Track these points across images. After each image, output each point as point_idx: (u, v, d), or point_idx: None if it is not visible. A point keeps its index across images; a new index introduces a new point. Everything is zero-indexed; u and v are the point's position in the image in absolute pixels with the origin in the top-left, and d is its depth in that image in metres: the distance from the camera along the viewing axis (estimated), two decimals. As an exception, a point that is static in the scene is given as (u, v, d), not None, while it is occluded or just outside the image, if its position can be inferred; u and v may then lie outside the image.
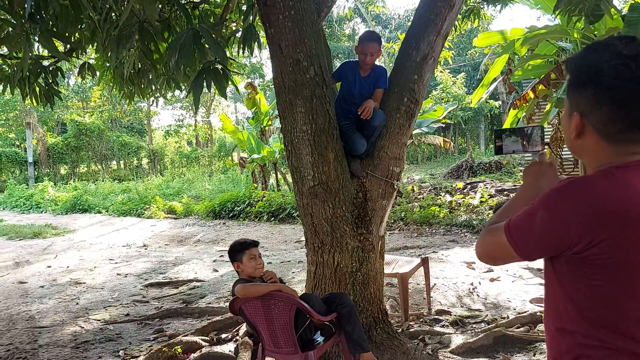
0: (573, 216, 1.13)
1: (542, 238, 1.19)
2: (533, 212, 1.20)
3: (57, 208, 18.06)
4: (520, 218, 1.23)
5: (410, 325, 4.49)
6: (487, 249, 1.36)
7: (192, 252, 9.55)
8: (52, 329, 5.24)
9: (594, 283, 1.16)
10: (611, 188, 1.14)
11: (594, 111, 1.19)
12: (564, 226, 1.14)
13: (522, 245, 1.23)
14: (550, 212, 1.17)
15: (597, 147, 1.22)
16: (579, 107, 1.23)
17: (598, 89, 1.17)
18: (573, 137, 1.26)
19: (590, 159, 1.27)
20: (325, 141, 3.47)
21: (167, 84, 5.29)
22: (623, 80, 1.13)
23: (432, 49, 3.63)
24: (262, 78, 31.94)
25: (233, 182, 20.08)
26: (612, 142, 1.20)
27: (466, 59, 28.35)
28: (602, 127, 1.19)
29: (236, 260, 3.16)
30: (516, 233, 1.23)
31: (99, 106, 31.83)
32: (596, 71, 1.16)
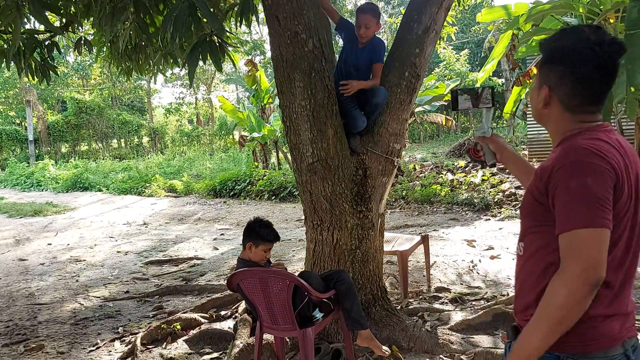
0: (611, 165, 1.28)
1: (607, 193, 1.26)
2: (580, 189, 1.26)
3: (57, 186, 18.06)
4: (575, 204, 1.26)
5: (409, 303, 4.47)
6: (591, 262, 1.25)
7: (193, 231, 9.55)
8: (52, 305, 5.25)
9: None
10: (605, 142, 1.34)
11: (561, 86, 1.40)
12: (614, 171, 1.28)
13: (604, 216, 1.25)
14: (592, 173, 1.26)
15: (560, 116, 1.44)
16: (549, 81, 1.43)
17: (566, 67, 1.38)
18: (541, 107, 1.46)
19: (553, 126, 1.47)
20: (325, 117, 3.40)
21: (165, 59, 5.20)
22: (586, 62, 1.34)
23: (434, 21, 3.53)
24: (263, 55, 31.63)
25: (234, 160, 20.02)
26: (572, 113, 1.41)
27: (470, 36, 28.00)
28: (566, 100, 1.41)
29: (253, 242, 3.08)
30: (591, 213, 1.24)
31: (99, 84, 31.64)
32: (566, 52, 1.37)
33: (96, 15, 4.19)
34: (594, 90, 1.38)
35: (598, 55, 1.32)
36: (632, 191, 1.34)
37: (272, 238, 3.14)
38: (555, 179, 1.31)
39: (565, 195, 1.27)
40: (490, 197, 9.49)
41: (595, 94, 1.39)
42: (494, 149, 1.91)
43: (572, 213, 1.26)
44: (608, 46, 1.33)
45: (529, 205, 1.43)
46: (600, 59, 1.32)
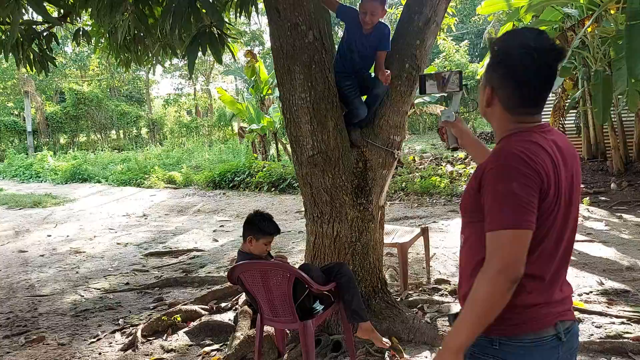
0: (536, 170, 1.37)
1: (531, 197, 1.35)
2: (506, 192, 1.36)
3: (56, 177, 18.02)
4: (501, 206, 1.36)
5: (409, 295, 4.48)
6: (511, 260, 1.35)
7: (192, 222, 9.55)
8: (52, 297, 5.26)
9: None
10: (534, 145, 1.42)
11: (502, 88, 1.48)
12: (538, 176, 1.36)
13: (526, 218, 1.35)
14: (518, 178, 1.35)
15: (500, 116, 1.52)
16: (492, 82, 1.51)
17: (507, 71, 1.45)
18: (484, 106, 1.56)
19: (495, 124, 1.56)
20: (325, 109, 3.39)
21: (164, 50, 5.17)
22: (525, 68, 1.42)
23: (435, 12, 3.51)
24: (262, 46, 31.49)
25: (233, 152, 19.97)
26: (511, 113, 1.49)
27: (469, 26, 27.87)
28: (506, 101, 1.49)
29: (254, 235, 3.09)
30: (514, 215, 1.34)
31: (97, 75, 31.49)
32: (507, 55, 1.45)
33: (94, 6, 4.16)
34: (532, 94, 1.46)
35: (536, 62, 1.40)
36: (561, 191, 1.42)
37: (273, 231, 3.14)
38: (486, 180, 1.40)
39: (493, 197, 1.38)
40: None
41: (534, 97, 1.47)
42: (455, 134, 2.02)
43: (498, 214, 1.36)
44: (546, 53, 1.40)
45: (466, 201, 1.52)
46: (539, 65, 1.41)
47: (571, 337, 1.51)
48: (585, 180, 9.81)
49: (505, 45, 1.47)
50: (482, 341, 1.45)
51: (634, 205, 8.08)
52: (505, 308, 1.38)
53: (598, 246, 6.00)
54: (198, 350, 3.81)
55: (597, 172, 10.16)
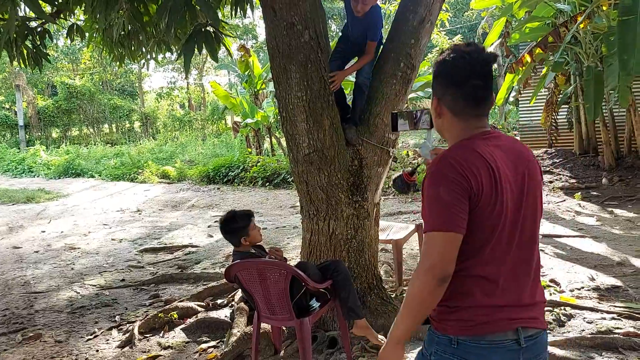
0: (465, 175, 1.43)
1: (457, 201, 1.43)
2: (434, 197, 1.45)
3: (49, 172, 17.94)
4: (431, 210, 1.46)
5: (404, 291, 4.53)
6: (437, 259, 1.43)
7: (187, 217, 9.56)
8: (48, 294, 5.27)
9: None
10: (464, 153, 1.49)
11: (445, 94, 1.57)
12: (466, 181, 1.43)
13: (452, 221, 1.42)
14: (444, 183, 1.44)
15: (451, 124, 1.59)
16: (437, 93, 1.60)
17: (445, 76, 1.57)
18: (435, 118, 1.64)
19: (449, 135, 1.62)
20: (321, 108, 3.41)
21: (158, 46, 5.16)
22: (459, 68, 1.52)
23: (430, 12, 3.53)
24: (255, 39, 31.36)
25: (227, 146, 19.93)
26: (460, 118, 1.56)
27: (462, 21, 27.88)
28: (452, 106, 1.56)
29: (242, 235, 3.14)
30: (441, 219, 1.43)
31: (89, 68, 31.25)
32: (443, 64, 1.56)
33: (89, 3, 4.15)
34: (473, 93, 1.53)
35: (469, 61, 1.50)
36: (504, 194, 1.47)
37: (249, 218, 3.21)
38: (423, 185, 1.50)
39: (425, 201, 1.48)
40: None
41: (475, 96, 1.53)
42: None
43: (427, 217, 1.46)
44: (477, 53, 1.51)
45: (422, 208, 1.57)
46: (472, 64, 1.50)
47: (535, 346, 1.53)
48: (577, 175, 9.90)
49: (441, 58, 1.57)
50: (442, 339, 1.52)
51: (625, 200, 8.17)
52: (463, 308, 1.48)
53: (589, 241, 6.07)
54: (195, 347, 3.84)
55: (588, 167, 10.25)
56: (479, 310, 1.48)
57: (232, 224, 3.20)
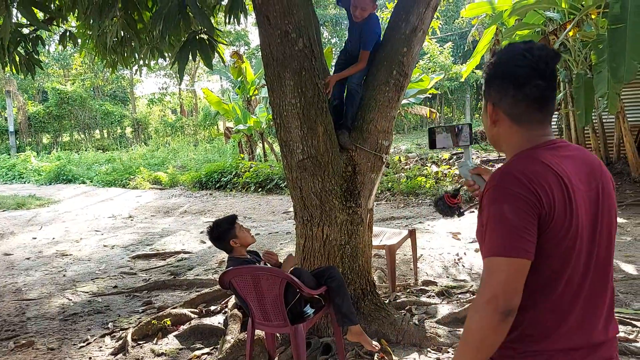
0: (534, 192, 1.24)
1: (525, 221, 1.23)
2: (497, 216, 1.25)
3: (40, 178, 17.84)
4: (493, 231, 1.26)
5: (397, 296, 4.55)
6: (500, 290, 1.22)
7: (179, 224, 9.53)
8: (40, 301, 5.24)
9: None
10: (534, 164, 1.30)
11: (503, 98, 1.38)
12: (536, 198, 1.24)
13: (519, 245, 1.22)
14: (509, 200, 1.25)
15: (509, 131, 1.41)
16: (491, 98, 1.42)
17: (503, 78, 1.38)
18: (490, 126, 1.45)
19: (507, 146, 1.44)
20: (315, 114, 3.44)
21: (151, 52, 5.18)
22: (520, 67, 1.34)
23: (422, 21, 3.58)
24: (247, 46, 31.41)
25: (219, 151, 19.94)
26: (521, 125, 1.39)
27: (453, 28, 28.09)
28: (510, 110, 1.38)
29: (231, 237, 3.15)
30: (506, 242, 1.23)
31: (81, 74, 31.14)
32: (500, 64, 1.39)
33: (82, 9, 4.16)
34: (535, 94, 1.35)
35: (529, 59, 1.33)
36: (578, 214, 1.28)
37: (233, 221, 3.22)
38: (483, 201, 1.32)
39: (486, 220, 1.28)
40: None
41: (537, 97, 1.35)
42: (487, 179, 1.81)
43: (489, 240, 1.26)
44: (538, 50, 1.34)
45: (478, 227, 1.37)
46: (532, 62, 1.33)
47: None
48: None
49: (495, 58, 1.41)
50: None
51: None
52: (533, 354, 1.29)
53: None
54: (189, 354, 3.83)
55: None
56: (552, 356, 1.29)
57: (217, 230, 3.21)
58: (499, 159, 11.87)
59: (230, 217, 3.26)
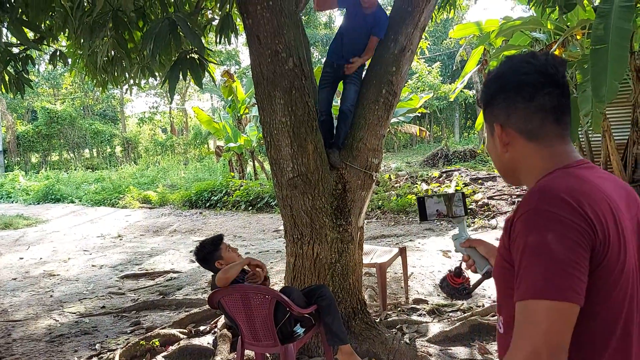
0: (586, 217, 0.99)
1: (576, 254, 0.97)
2: (539, 248, 0.99)
3: (28, 198, 17.67)
4: (533, 266, 0.99)
5: (388, 315, 4.54)
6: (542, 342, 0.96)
7: (168, 243, 9.46)
8: (26, 322, 5.15)
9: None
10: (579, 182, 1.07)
11: (511, 114, 1.18)
12: (589, 225, 0.99)
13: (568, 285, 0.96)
14: (556, 227, 0.99)
15: (527, 152, 1.18)
16: (497, 118, 1.21)
17: (507, 91, 1.18)
18: (501, 152, 1.22)
19: (527, 171, 1.20)
20: (305, 133, 3.46)
21: (142, 72, 5.19)
22: (527, 74, 1.15)
23: (410, 41, 3.63)
24: (238, 65, 31.61)
25: (209, 170, 19.90)
26: (540, 142, 1.16)
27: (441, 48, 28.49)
28: (523, 126, 1.17)
29: (216, 259, 3.14)
30: (550, 281, 0.96)
31: (71, 93, 31.13)
32: (502, 77, 1.20)
33: (73, 29, 4.18)
34: (549, 104, 1.14)
35: (535, 65, 1.15)
36: (628, 246, 1.05)
37: (218, 237, 3.22)
38: (516, 230, 1.05)
39: (522, 253, 1.02)
40: (464, 208, 9.66)
41: (553, 108, 1.15)
42: (485, 253, 1.55)
43: (526, 278, 1.00)
44: (543, 56, 1.16)
45: (499, 265, 1.15)
46: (539, 67, 1.14)
47: None
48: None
49: (495, 71, 1.22)
50: None
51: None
52: None
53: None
54: (177, 375, 3.78)
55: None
56: None
57: (202, 251, 3.20)
58: (488, 176, 11.95)
59: (215, 238, 3.24)
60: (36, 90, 30.07)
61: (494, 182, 11.29)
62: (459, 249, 1.59)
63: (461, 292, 1.66)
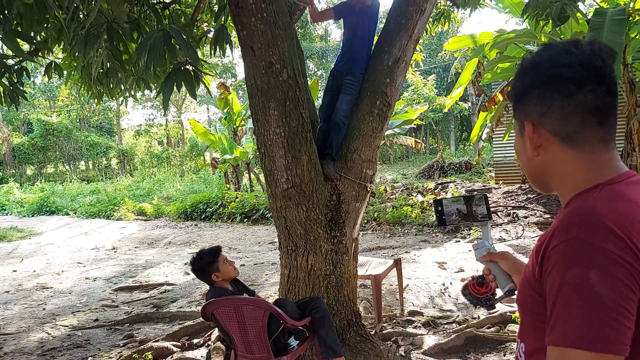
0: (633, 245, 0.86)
1: (622, 298, 0.83)
2: (578, 287, 0.84)
3: (23, 210, 17.58)
4: (570, 308, 0.85)
5: (383, 327, 4.51)
6: None
7: (163, 255, 9.41)
8: (18, 335, 5.10)
9: None
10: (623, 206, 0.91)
11: (546, 112, 1.00)
12: (634, 258, 0.85)
13: (614, 335, 0.82)
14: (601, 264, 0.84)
15: (562, 158, 1.01)
16: (528, 116, 1.04)
17: (543, 85, 1.00)
18: (532, 156, 1.05)
19: (560, 180, 1.04)
20: (299, 144, 3.46)
21: (137, 83, 5.20)
22: (568, 66, 0.97)
23: (404, 53, 3.65)
24: (234, 78, 31.74)
25: (205, 182, 19.88)
26: (576, 147, 0.99)
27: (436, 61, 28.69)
28: (559, 128, 0.99)
29: (213, 271, 3.13)
30: (592, 328, 0.83)
31: (67, 105, 31.16)
32: (538, 67, 1.01)
33: (68, 41, 4.18)
34: (592, 103, 0.96)
35: (578, 55, 0.96)
36: None
37: (216, 250, 3.21)
38: (550, 261, 0.91)
39: (558, 290, 0.87)
40: (460, 219, 9.66)
41: (597, 108, 0.96)
42: (507, 269, 1.38)
43: (563, 321, 0.86)
44: (588, 45, 0.97)
45: (524, 292, 1.03)
46: (583, 58, 0.96)
47: None
48: (550, 210, 10.08)
49: (529, 61, 1.05)
50: None
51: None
52: None
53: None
54: (170, 389, 3.74)
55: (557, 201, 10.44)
56: None
57: (199, 262, 3.19)
58: (484, 188, 11.97)
59: (213, 250, 3.23)
60: (32, 102, 30.08)
61: (490, 193, 11.31)
62: (482, 260, 1.43)
63: (484, 302, 1.52)
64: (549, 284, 0.90)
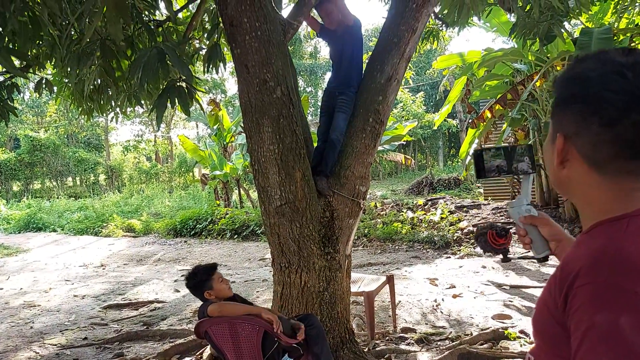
0: None
1: None
2: (605, 333, 0.78)
3: (9, 227, 17.34)
4: (597, 354, 0.78)
5: (376, 344, 4.49)
6: None
7: (152, 272, 9.32)
8: (5, 355, 5.00)
9: None
10: None
11: (580, 132, 0.93)
12: None
13: None
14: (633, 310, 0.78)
15: (585, 180, 0.96)
16: (563, 128, 0.97)
17: (585, 103, 0.91)
18: (557, 165, 1.00)
19: (581, 200, 1.00)
20: (293, 161, 3.48)
21: (128, 100, 5.20)
22: (615, 92, 0.87)
23: (396, 71, 3.70)
24: (224, 94, 31.79)
25: (194, 198, 19.79)
26: (603, 174, 0.93)
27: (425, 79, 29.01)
28: (590, 152, 0.93)
29: (206, 289, 3.11)
30: None
31: (55, 121, 30.96)
32: (583, 82, 0.92)
33: (60, 57, 4.19)
34: (630, 137, 0.88)
35: (631, 82, 0.87)
36: None
37: (211, 268, 3.19)
38: (577, 300, 0.85)
39: (584, 333, 0.81)
40: (450, 235, 9.71)
41: (632, 142, 0.88)
42: (547, 235, 1.32)
43: None
44: None
45: (542, 319, 0.98)
46: (635, 87, 0.87)
47: None
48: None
49: (577, 70, 0.95)
50: None
51: (587, 250, 8.37)
52: None
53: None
54: (161, 408, 3.68)
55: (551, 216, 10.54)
56: None
57: (194, 279, 3.16)
58: (473, 204, 12.04)
59: (209, 267, 3.21)
60: (20, 118, 29.85)
61: (479, 209, 11.38)
62: (517, 222, 1.34)
63: (501, 252, 1.49)
64: (574, 322, 0.84)
